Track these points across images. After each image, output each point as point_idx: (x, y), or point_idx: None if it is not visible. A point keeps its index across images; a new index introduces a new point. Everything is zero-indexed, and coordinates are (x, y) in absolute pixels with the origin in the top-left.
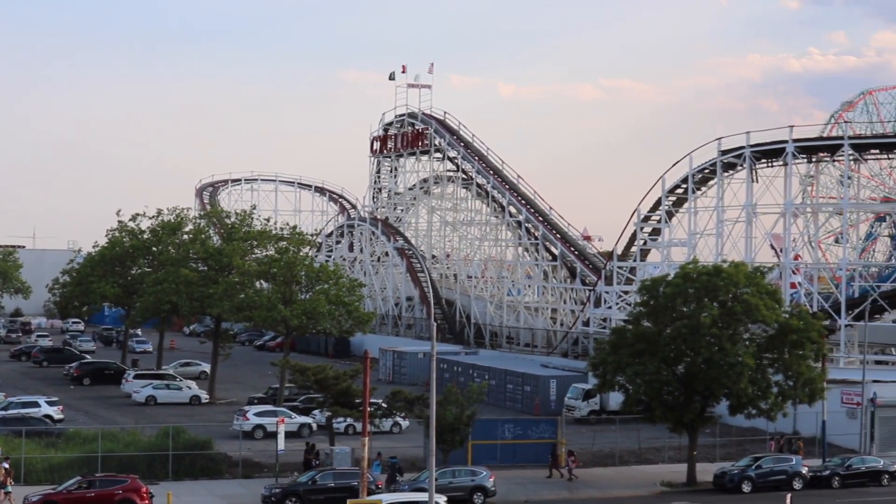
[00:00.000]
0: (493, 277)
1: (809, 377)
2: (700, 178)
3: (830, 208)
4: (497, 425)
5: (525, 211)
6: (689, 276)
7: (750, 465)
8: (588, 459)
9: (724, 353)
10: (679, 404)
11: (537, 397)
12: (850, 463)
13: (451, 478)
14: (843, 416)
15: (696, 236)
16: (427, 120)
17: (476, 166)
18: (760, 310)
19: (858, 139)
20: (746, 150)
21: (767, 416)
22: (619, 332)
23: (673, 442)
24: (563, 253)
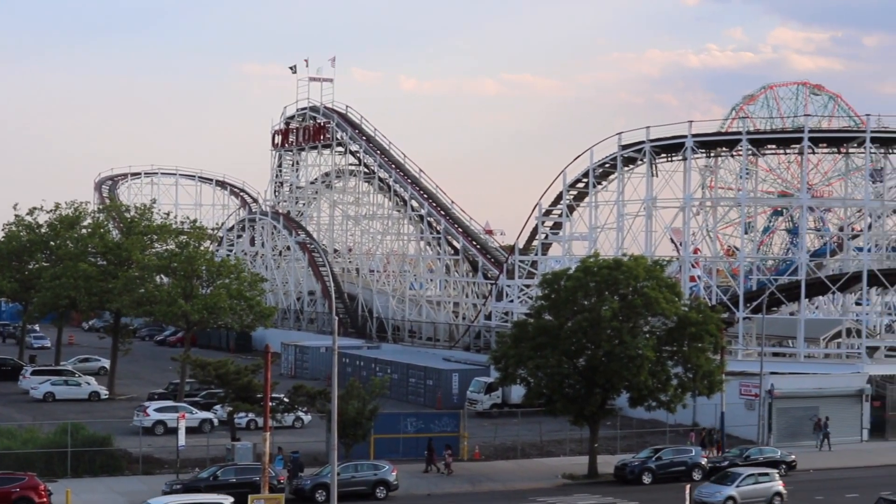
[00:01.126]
0: (396, 271)
1: (708, 369)
2: (601, 173)
3: (729, 202)
4: (399, 419)
5: (427, 205)
6: (590, 269)
7: (650, 456)
8: (490, 452)
9: (624, 345)
10: (580, 397)
11: (439, 391)
12: (748, 454)
13: (353, 472)
14: (742, 408)
15: (596, 230)
16: (329, 114)
17: (378, 160)
18: (660, 303)
19: (756, 134)
20: (646, 145)
21: (667, 407)
22: (520, 326)
23: (574, 434)
24: (465, 247)
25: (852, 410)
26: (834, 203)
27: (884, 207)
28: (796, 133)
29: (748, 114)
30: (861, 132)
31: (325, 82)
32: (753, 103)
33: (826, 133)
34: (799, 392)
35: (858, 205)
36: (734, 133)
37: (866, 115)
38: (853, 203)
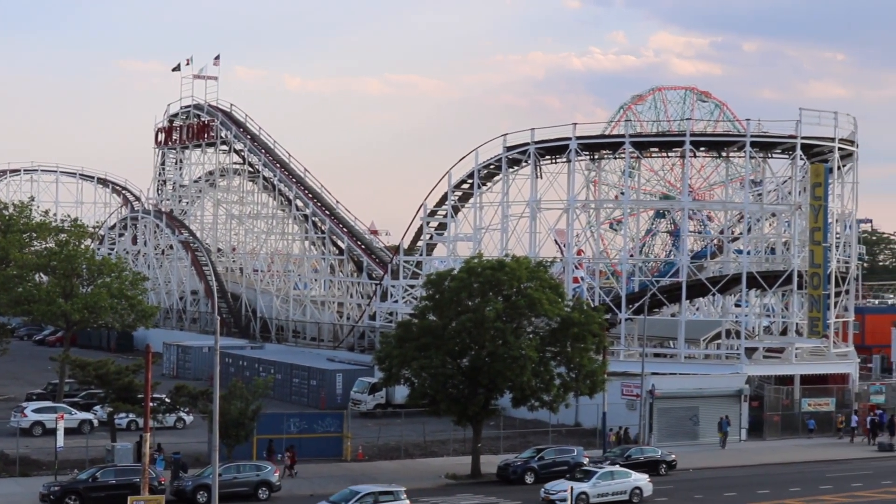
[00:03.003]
0: (280, 271)
1: (591, 370)
2: (486, 174)
3: (612, 204)
4: (283, 420)
5: (312, 205)
6: (474, 270)
7: (533, 456)
8: (374, 453)
9: (507, 346)
10: (463, 397)
11: (323, 391)
12: (629, 453)
13: (235, 473)
14: (623, 408)
15: (481, 231)
16: (213, 112)
17: (262, 159)
18: (543, 303)
19: (639, 137)
20: (531, 147)
21: (550, 408)
22: (404, 326)
23: (458, 435)
24: (349, 247)
25: (731, 410)
26: (714, 206)
27: (762, 211)
28: (678, 136)
29: (636, 113)
30: (741, 137)
31: (208, 80)
32: (642, 103)
33: (707, 137)
34: (679, 392)
35: (738, 208)
36: (617, 136)
37: (746, 119)
38: (733, 206)
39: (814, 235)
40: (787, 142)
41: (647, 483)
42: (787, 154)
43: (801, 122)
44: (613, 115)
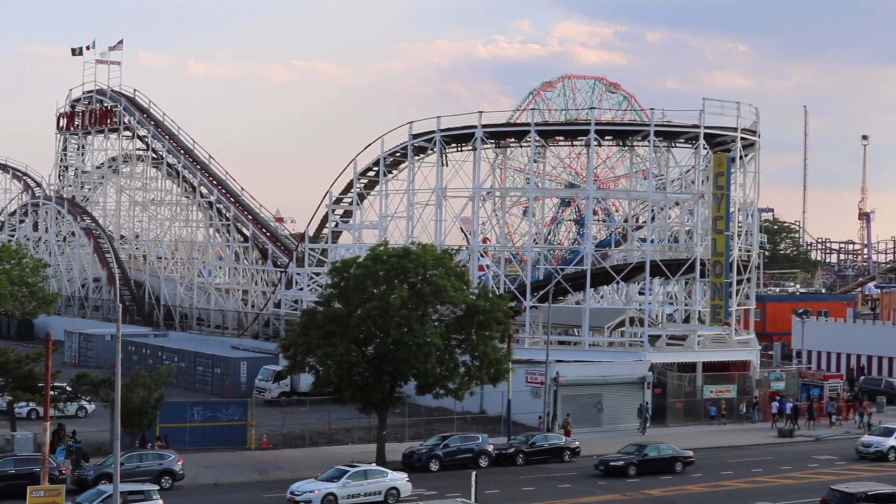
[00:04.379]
0: (184, 258)
1: (495, 357)
2: (392, 162)
3: (518, 193)
4: (186, 408)
5: (216, 191)
6: (379, 257)
7: (438, 444)
8: (278, 441)
9: (412, 333)
10: (368, 385)
11: (227, 379)
12: (533, 440)
13: (138, 462)
14: (528, 395)
15: (387, 218)
16: (116, 97)
17: (167, 145)
18: (448, 291)
19: (545, 126)
20: (437, 135)
21: (455, 395)
22: (309, 314)
23: (363, 422)
24: (254, 234)
25: (634, 397)
26: (618, 195)
27: (666, 200)
28: (583, 125)
29: (545, 99)
30: (645, 126)
31: (112, 65)
32: (551, 90)
33: (612, 126)
34: (583, 380)
35: (642, 197)
36: (523, 124)
37: (651, 109)
38: (637, 195)
39: (716, 224)
40: (690, 131)
41: (406, 483)
42: (690, 143)
43: (705, 111)
44: (522, 101)
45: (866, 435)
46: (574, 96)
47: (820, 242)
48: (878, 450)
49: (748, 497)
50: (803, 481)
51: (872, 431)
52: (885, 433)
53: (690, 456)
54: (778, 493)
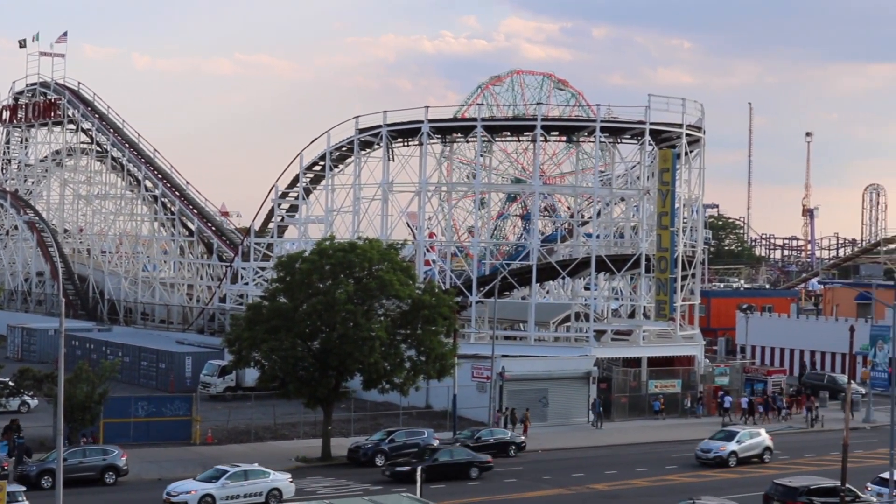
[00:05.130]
0: (129, 253)
1: (441, 352)
2: (338, 156)
3: (464, 188)
4: (130, 403)
5: (161, 185)
6: (325, 252)
7: (383, 439)
8: (223, 436)
9: (358, 328)
10: (314, 380)
11: (172, 374)
12: (479, 435)
13: (81, 457)
14: (474, 390)
15: (333, 213)
16: (60, 90)
17: (111, 139)
18: (394, 285)
19: (491, 121)
20: (383, 129)
21: (400, 390)
22: (255, 308)
23: (308, 417)
24: (199, 228)
25: (580, 392)
26: (564, 190)
27: (612, 195)
28: (530, 121)
29: (493, 93)
30: (591, 122)
31: (56, 57)
32: (500, 84)
33: (558, 122)
34: (529, 374)
35: (588, 192)
36: (469, 119)
37: (596, 105)
38: (583, 191)
39: (661, 220)
40: (636, 127)
41: (289, 483)
42: (636, 139)
43: (650, 108)
44: (470, 95)
45: (706, 440)
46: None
47: (764, 238)
48: (717, 455)
49: (692, 491)
50: (747, 475)
51: (714, 435)
52: (726, 437)
53: (488, 461)
54: (721, 487)
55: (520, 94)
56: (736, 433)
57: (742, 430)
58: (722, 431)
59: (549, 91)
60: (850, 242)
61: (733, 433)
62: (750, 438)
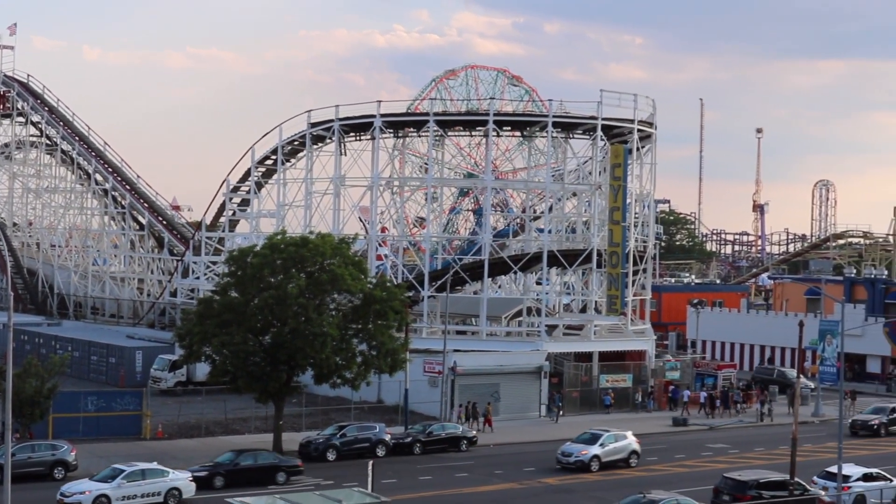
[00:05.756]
0: (78, 246)
1: (392, 347)
2: (290, 150)
3: (416, 182)
4: (80, 398)
5: (112, 179)
6: (277, 246)
7: (335, 433)
8: (174, 431)
9: (309, 322)
10: (265, 374)
11: (123, 369)
12: (430, 430)
13: (30, 452)
14: (426, 385)
15: (285, 207)
16: (9, 82)
17: (61, 132)
18: (346, 280)
19: (443, 116)
20: (335, 124)
21: (351, 385)
22: (206, 303)
23: (260, 412)
24: (150, 222)
25: (531, 387)
26: (516, 185)
27: (564, 190)
28: (482, 116)
29: (447, 87)
30: (543, 117)
31: (5, 49)
32: (454, 78)
33: (510, 117)
34: (481, 369)
35: (540, 187)
36: (422, 114)
37: (549, 100)
38: (535, 185)
39: (613, 215)
40: (588, 123)
41: (189, 483)
42: (588, 135)
43: (602, 103)
44: (424, 88)
45: (568, 443)
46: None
47: (715, 234)
48: (578, 460)
49: (643, 485)
50: (697, 469)
51: (578, 438)
52: (589, 440)
53: (297, 465)
54: (672, 482)
55: (474, 88)
56: (600, 435)
57: (607, 433)
58: (586, 433)
59: (503, 87)
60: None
61: (597, 436)
62: (615, 442)
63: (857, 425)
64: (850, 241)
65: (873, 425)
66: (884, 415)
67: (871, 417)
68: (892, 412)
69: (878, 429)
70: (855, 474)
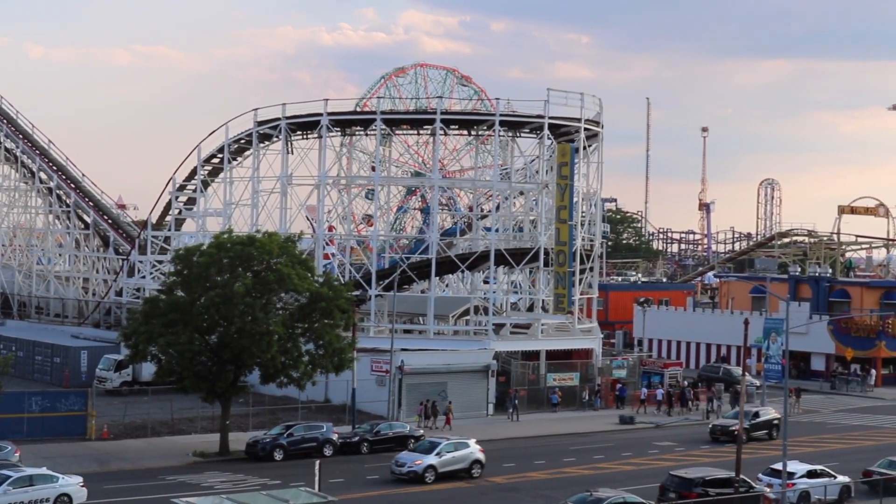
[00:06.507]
0: (23, 245)
1: (339, 346)
2: (236, 149)
3: (363, 181)
4: (24, 398)
5: (56, 177)
6: (224, 245)
7: (282, 433)
8: (120, 431)
9: (256, 322)
10: (211, 374)
11: (67, 369)
12: (378, 429)
13: None
14: (373, 384)
15: (231, 206)
16: None
17: (4, 129)
18: (292, 279)
19: (390, 114)
20: (282, 122)
21: (297, 384)
22: (152, 302)
23: (206, 412)
24: (95, 221)
25: (479, 385)
26: (464, 184)
27: (511, 189)
28: (429, 114)
29: (396, 84)
30: (490, 115)
31: None
32: (403, 76)
33: (458, 115)
34: (428, 368)
35: (487, 186)
36: (369, 112)
37: (496, 98)
38: (482, 184)
39: (560, 214)
40: (535, 121)
41: (80, 489)
42: (535, 133)
43: (549, 102)
44: (373, 85)
45: (404, 451)
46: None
47: (661, 232)
48: (411, 470)
49: (590, 483)
50: (643, 467)
51: (415, 447)
52: (427, 449)
53: None
54: (619, 479)
55: (423, 87)
56: (438, 444)
57: (445, 441)
58: (424, 442)
59: (452, 86)
60: (745, 236)
61: (435, 444)
62: (454, 451)
63: (718, 430)
64: (794, 240)
65: (734, 430)
66: (746, 420)
67: (733, 422)
68: (755, 416)
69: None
70: (799, 471)
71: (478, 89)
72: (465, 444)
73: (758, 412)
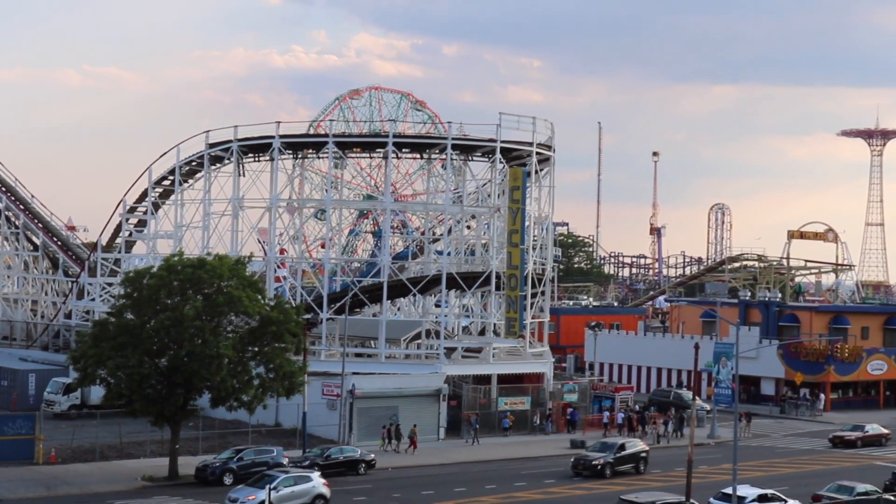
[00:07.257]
0: None
1: (289, 370)
2: (188, 171)
3: (315, 203)
4: None
5: (5, 198)
6: (174, 268)
7: (232, 457)
8: (68, 455)
9: (206, 345)
10: (161, 397)
11: (15, 392)
12: (329, 453)
13: None
14: (324, 408)
15: (182, 229)
16: None
17: None
18: (243, 301)
19: (342, 137)
20: (234, 144)
21: (248, 408)
22: (101, 325)
23: (155, 436)
24: (45, 243)
25: (430, 409)
26: (416, 207)
27: (463, 213)
28: (382, 138)
29: (351, 106)
30: (442, 139)
31: None
32: (358, 98)
33: (410, 139)
34: (380, 392)
35: (439, 210)
36: (321, 135)
37: (448, 122)
38: (434, 208)
39: (511, 237)
40: (487, 145)
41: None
42: (487, 157)
43: (501, 126)
44: (327, 107)
45: (241, 485)
46: (380, 108)
47: (613, 256)
48: None
49: None
50: (595, 492)
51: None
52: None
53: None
54: None
55: (377, 109)
56: (276, 478)
57: (283, 476)
58: (264, 477)
59: (406, 110)
60: (696, 261)
61: (273, 477)
62: (293, 485)
63: (581, 465)
64: (744, 264)
65: (597, 465)
66: (610, 453)
67: (596, 456)
68: (620, 449)
69: (603, 469)
70: (750, 495)
71: (432, 114)
72: (307, 479)
73: (623, 444)
